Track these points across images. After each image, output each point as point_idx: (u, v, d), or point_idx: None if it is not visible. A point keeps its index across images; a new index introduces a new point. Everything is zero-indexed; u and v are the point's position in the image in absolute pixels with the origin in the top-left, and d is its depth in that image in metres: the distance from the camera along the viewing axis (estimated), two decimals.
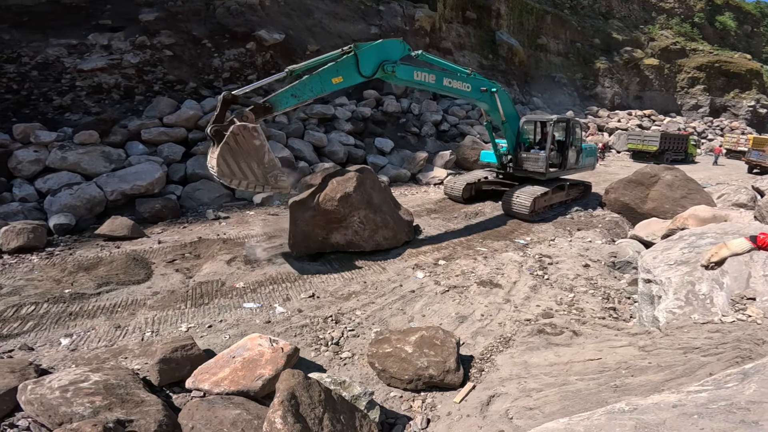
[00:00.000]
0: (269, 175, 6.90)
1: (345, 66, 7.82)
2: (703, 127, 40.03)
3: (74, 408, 3.38)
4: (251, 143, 6.70)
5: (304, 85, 7.44)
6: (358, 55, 7.85)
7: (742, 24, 49.82)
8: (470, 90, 9.93)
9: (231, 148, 6.52)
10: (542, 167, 11.55)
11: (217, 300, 6.40)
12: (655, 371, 3.70)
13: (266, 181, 6.91)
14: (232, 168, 6.58)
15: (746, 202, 10.82)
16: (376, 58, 8.17)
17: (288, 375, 3.37)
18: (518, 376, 4.33)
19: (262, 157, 6.82)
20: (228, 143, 6.49)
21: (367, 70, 8.08)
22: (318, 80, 7.57)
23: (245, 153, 6.64)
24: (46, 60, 13.40)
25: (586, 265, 7.96)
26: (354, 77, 8.05)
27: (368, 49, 8.02)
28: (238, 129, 6.58)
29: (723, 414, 1.98)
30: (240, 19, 17.55)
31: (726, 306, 4.63)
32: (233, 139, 6.53)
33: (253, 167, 6.74)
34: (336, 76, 7.72)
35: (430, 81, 9.12)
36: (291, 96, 7.39)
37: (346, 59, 7.83)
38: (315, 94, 7.70)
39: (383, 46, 8.26)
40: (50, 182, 10.10)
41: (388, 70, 8.26)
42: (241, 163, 6.62)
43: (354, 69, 7.92)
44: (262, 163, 6.82)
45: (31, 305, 6.04)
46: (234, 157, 6.56)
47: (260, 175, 6.83)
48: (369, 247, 8.38)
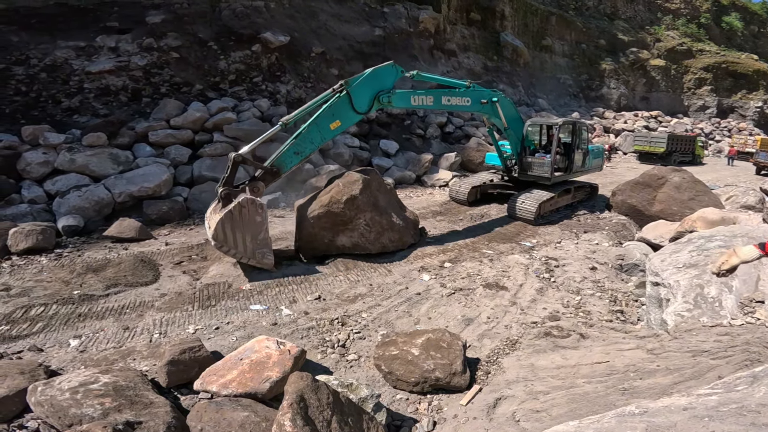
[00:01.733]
0: (258, 251, 7.16)
1: (339, 107, 7.73)
2: (711, 128, 39.74)
3: (84, 410, 3.40)
4: (253, 218, 6.99)
5: (304, 140, 7.51)
6: (351, 93, 7.74)
7: (749, 24, 49.46)
8: (470, 104, 9.88)
9: (233, 217, 6.82)
10: (547, 172, 11.43)
11: (224, 302, 6.43)
12: (664, 374, 3.68)
13: (253, 255, 7.16)
14: (227, 236, 6.83)
15: (755, 204, 10.72)
16: (369, 91, 8.06)
17: (297, 377, 3.38)
18: (525, 379, 4.32)
19: (257, 233, 7.10)
20: (232, 212, 6.80)
21: (362, 106, 8.00)
22: (316, 130, 7.58)
23: (244, 225, 6.91)
24: (55, 62, 13.54)
25: (593, 268, 7.93)
26: (351, 117, 8.00)
27: (360, 84, 7.87)
28: (246, 202, 6.88)
29: (734, 416, 1.98)
30: (245, 22, 17.66)
31: (735, 309, 4.60)
32: (238, 210, 6.84)
33: (246, 240, 7.00)
34: (333, 121, 7.70)
35: (428, 103, 9.08)
36: (294, 154, 7.53)
37: (340, 100, 7.71)
38: (316, 145, 7.78)
39: (375, 75, 8.11)
40: (59, 184, 10.20)
41: (383, 101, 8.21)
42: (237, 233, 6.89)
43: (349, 108, 7.83)
44: (256, 239, 7.09)
45: (40, 306, 6.10)
46: (233, 227, 6.84)
47: (250, 250, 7.08)
48: (375, 250, 8.39)
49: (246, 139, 13.26)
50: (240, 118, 14.16)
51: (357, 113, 8.00)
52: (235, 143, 13.17)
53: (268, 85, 17.03)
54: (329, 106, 7.66)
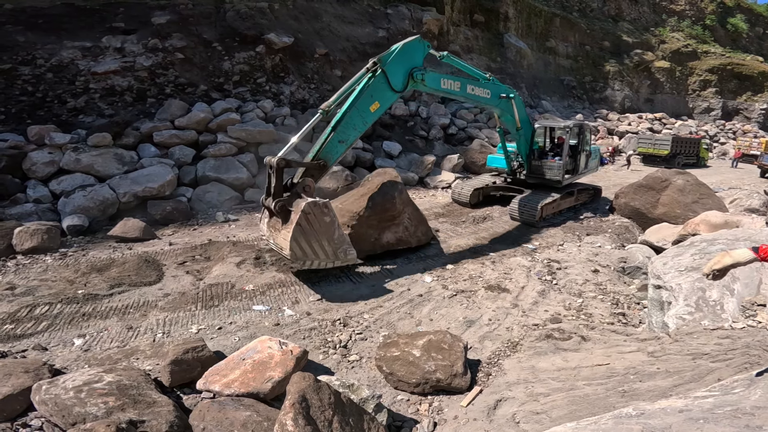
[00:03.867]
0: (339, 250, 6.69)
1: (377, 88, 7.37)
2: (715, 130, 39.54)
3: (88, 408, 3.44)
4: (322, 221, 6.44)
5: (347, 127, 7.09)
6: (386, 71, 7.38)
7: (754, 26, 49.20)
8: (490, 96, 9.76)
9: (303, 229, 6.26)
10: (559, 175, 11.45)
11: (227, 302, 6.47)
12: (664, 377, 3.69)
13: (336, 257, 6.71)
14: (304, 249, 6.34)
15: (759, 207, 10.70)
16: (403, 68, 7.72)
17: (299, 378, 3.41)
18: (525, 381, 4.33)
19: (332, 234, 6.58)
20: (300, 225, 6.22)
21: (398, 84, 7.64)
22: (357, 114, 7.19)
23: (317, 232, 6.40)
24: (61, 62, 13.64)
25: (596, 271, 7.93)
26: (389, 97, 7.66)
27: (393, 61, 7.50)
28: (309, 208, 6.29)
29: (728, 419, 2.00)
30: (249, 23, 17.74)
31: (736, 312, 4.60)
32: (305, 219, 6.26)
33: (324, 245, 6.51)
34: (372, 103, 7.34)
35: (455, 89, 8.86)
36: (338, 143, 7.09)
37: (377, 80, 7.35)
38: (360, 131, 7.39)
39: (405, 50, 7.71)
40: (64, 184, 10.28)
41: (417, 78, 7.85)
42: (313, 242, 6.39)
43: (387, 87, 7.48)
44: (333, 239, 6.58)
45: (44, 305, 6.16)
46: (306, 238, 6.31)
47: (331, 252, 6.61)
48: (414, 243, 8.69)
49: (250, 140, 13.39)
50: (244, 119, 14.22)
51: (394, 92, 7.64)
52: (239, 144, 13.25)
53: (272, 86, 17.10)
54: (367, 88, 7.29)
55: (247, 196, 12.41)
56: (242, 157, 13.16)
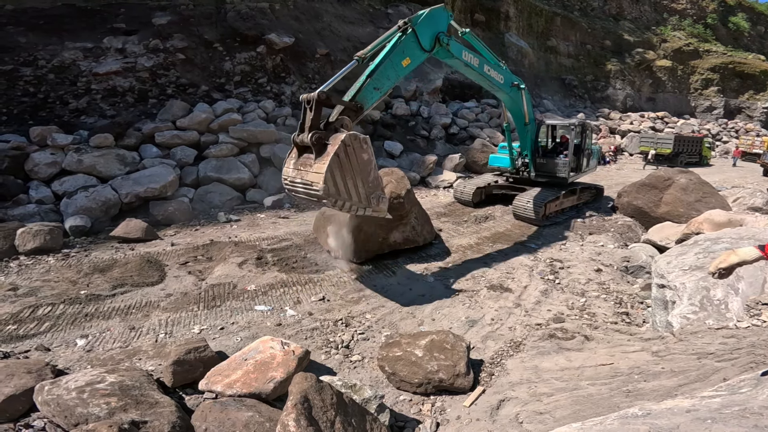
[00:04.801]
0: (372, 195, 6.11)
1: (409, 45, 7.49)
2: (718, 129, 39.44)
3: (90, 409, 3.43)
4: (360, 156, 5.91)
5: (381, 76, 7.02)
6: (417, 30, 7.54)
7: (756, 25, 49.06)
8: (503, 82, 9.85)
9: (341, 161, 5.69)
10: (565, 172, 11.48)
11: (229, 302, 6.46)
12: (669, 376, 3.67)
13: (368, 203, 6.10)
14: (338, 186, 5.72)
15: (762, 205, 10.64)
16: (430, 30, 7.88)
17: (301, 378, 3.40)
18: (529, 381, 4.32)
19: (368, 173, 6.04)
20: (338, 155, 5.64)
21: (426, 44, 7.76)
22: (391, 66, 7.20)
23: (353, 168, 5.86)
24: (62, 63, 13.66)
25: (598, 270, 7.90)
26: (419, 55, 7.74)
27: (423, 22, 7.67)
28: (349, 139, 5.76)
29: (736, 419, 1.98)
30: (250, 23, 17.74)
31: (741, 311, 4.58)
32: (344, 150, 5.70)
33: (358, 185, 5.94)
34: (404, 58, 7.41)
35: (474, 63, 8.93)
36: (374, 89, 6.93)
37: (408, 38, 7.45)
38: (392, 82, 7.37)
39: (432, 15, 7.88)
40: (66, 184, 10.28)
41: (444, 42, 8.00)
42: (348, 179, 5.80)
43: (417, 46, 7.60)
44: (367, 181, 6.04)
45: (47, 306, 6.16)
46: (342, 173, 5.73)
47: (363, 196, 6.02)
48: (421, 242, 8.66)
49: (252, 141, 13.40)
50: (245, 119, 14.22)
51: (424, 51, 7.76)
52: (240, 144, 13.25)
53: (273, 87, 17.10)
54: (400, 43, 7.37)
55: (248, 197, 12.42)
56: (244, 157, 13.17)
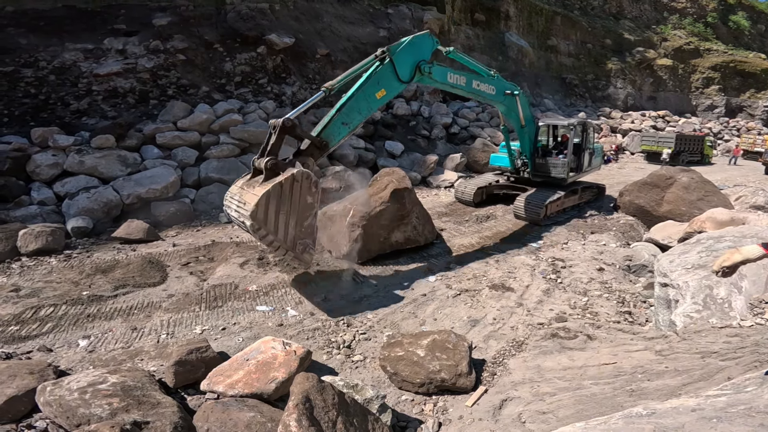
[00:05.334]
0: (299, 240, 5.94)
1: (384, 76, 7.22)
2: (719, 127, 39.36)
3: (92, 409, 3.44)
4: (304, 197, 5.82)
5: (351, 110, 6.83)
6: (394, 61, 7.26)
7: (756, 23, 48.93)
8: (495, 93, 9.67)
9: (282, 192, 5.59)
10: (563, 173, 11.42)
11: (231, 303, 6.45)
12: (672, 376, 3.65)
13: (293, 246, 5.93)
14: (269, 216, 5.54)
15: (764, 204, 10.60)
16: (411, 59, 7.61)
17: (302, 378, 3.39)
18: (531, 380, 4.30)
19: (305, 217, 5.93)
20: (281, 185, 5.55)
21: (405, 74, 7.52)
22: (363, 98, 6.98)
23: (292, 205, 5.73)
24: (63, 64, 13.68)
25: (601, 269, 7.88)
26: (395, 86, 7.50)
27: (402, 51, 7.40)
28: (300, 176, 5.69)
29: (742, 418, 1.97)
30: (251, 24, 17.74)
31: (744, 310, 4.56)
32: (290, 183, 5.61)
33: (289, 224, 5.77)
34: (378, 90, 7.14)
35: (461, 83, 8.77)
36: (342, 125, 6.77)
37: (384, 69, 7.20)
38: (364, 116, 7.12)
39: (414, 43, 7.64)
40: (68, 186, 10.29)
41: (425, 71, 7.76)
42: (281, 214, 5.65)
43: (393, 77, 7.36)
44: (302, 224, 5.92)
45: (49, 307, 6.16)
46: (278, 205, 5.59)
47: (291, 238, 5.85)
48: (423, 241, 8.68)
49: (253, 141, 13.39)
50: (246, 119, 14.22)
51: (401, 82, 7.51)
52: (241, 145, 13.25)
53: (274, 87, 17.10)
54: (374, 74, 7.11)
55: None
56: (245, 158, 13.16)
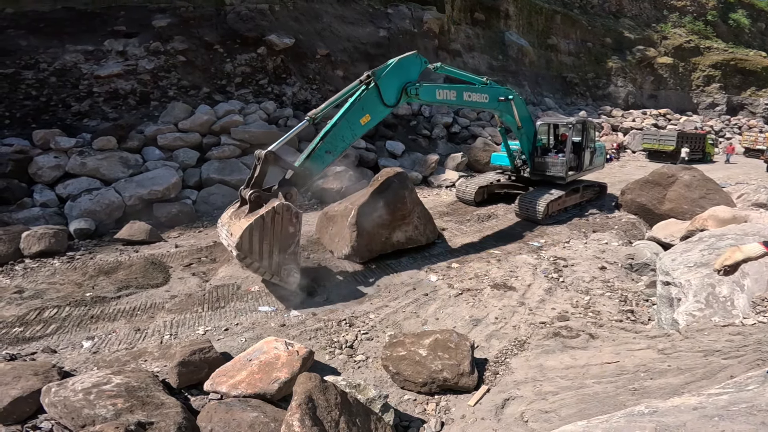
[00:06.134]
0: (284, 267, 6.34)
1: (369, 101, 7.26)
2: (721, 125, 39.30)
3: (97, 410, 3.45)
4: (286, 227, 6.19)
5: (335, 137, 6.95)
6: (379, 85, 7.26)
7: (756, 21, 48.84)
8: (488, 101, 9.66)
9: (264, 225, 5.98)
10: (562, 171, 11.40)
11: (233, 303, 6.47)
12: (675, 374, 3.66)
13: (278, 272, 6.32)
14: (253, 246, 5.96)
15: (766, 201, 10.60)
16: (397, 82, 7.60)
17: (305, 378, 3.40)
18: (533, 379, 4.31)
19: (287, 246, 6.30)
20: (264, 218, 5.96)
21: (391, 98, 7.54)
22: (347, 126, 7.06)
23: (274, 235, 6.11)
24: (64, 66, 13.71)
25: (603, 268, 7.88)
26: (380, 111, 7.52)
27: (388, 75, 7.41)
28: (281, 209, 6.09)
29: (744, 416, 1.97)
30: (250, 24, 17.76)
31: (747, 308, 4.56)
32: (271, 216, 6.01)
33: (273, 252, 6.15)
34: (363, 116, 7.20)
35: (452, 98, 8.77)
36: (325, 153, 6.92)
37: (369, 93, 7.22)
38: (347, 143, 7.22)
39: (400, 65, 7.64)
40: (70, 188, 10.32)
41: (411, 93, 7.77)
42: (265, 243, 6.04)
43: (378, 102, 7.37)
44: (285, 252, 6.30)
45: (53, 308, 6.18)
46: (261, 236, 5.98)
47: (275, 265, 6.25)
48: (424, 241, 8.74)
49: (254, 142, 13.39)
50: (247, 120, 14.24)
51: (386, 106, 7.53)
52: (242, 146, 13.26)
53: (274, 88, 17.11)
54: (358, 100, 7.16)
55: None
56: (246, 158, 13.18)
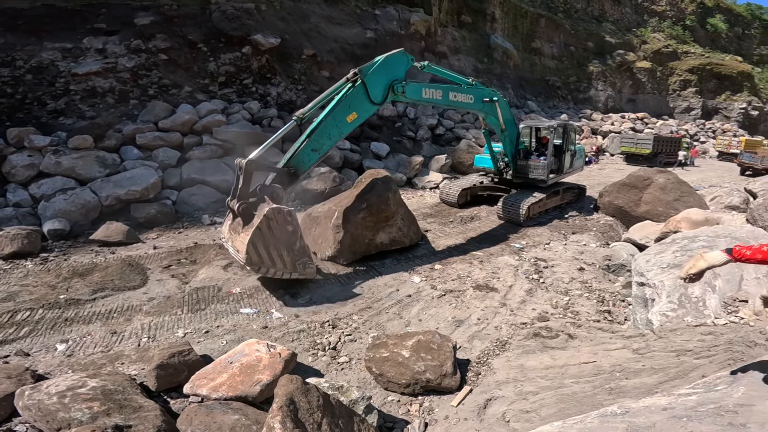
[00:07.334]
0: (298, 262, 6.46)
1: (356, 99, 7.30)
2: (696, 129, 40.37)
3: (72, 413, 3.39)
4: (284, 229, 6.24)
5: (321, 135, 6.98)
6: (366, 82, 7.30)
7: (733, 26, 50.30)
8: (473, 101, 9.75)
9: (263, 234, 6.06)
10: (543, 174, 11.56)
11: (214, 305, 6.39)
12: (649, 374, 3.75)
13: (294, 268, 6.48)
14: (261, 255, 6.09)
15: (739, 204, 10.90)
16: (384, 80, 7.66)
17: (286, 380, 3.39)
18: (515, 380, 4.37)
19: (293, 243, 6.37)
20: (260, 229, 6.03)
21: (377, 96, 7.60)
22: (333, 124, 7.09)
23: (277, 239, 6.18)
24: (41, 64, 13.34)
25: (581, 269, 8.02)
26: (367, 109, 7.57)
27: (374, 72, 7.46)
28: (272, 213, 6.11)
29: (711, 417, 2.03)
30: (236, 23, 17.56)
31: (719, 308, 4.70)
32: (266, 224, 6.07)
33: (282, 254, 6.26)
34: (349, 113, 7.24)
35: (437, 97, 8.84)
36: (312, 151, 6.94)
37: (356, 91, 7.27)
38: (334, 141, 7.28)
39: (387, 62, 7.70)
40: (44, 187, 10.05)
41: (398, 91, 7.83)
42: (271, 249, 6.14)
43: (365, 99, 7.42)
44: (293, 249, 6.36)
45: (26, 311, 6.02)
46: (265, 244, 6.08)
47: (290, 263, 6.38)
48: (408, 242, 8.79)
49: (237, 142, 13.25)
50: (230, 120, 14.09)
51: (373, 104, 7.57)
52: (225, 146, 13.11)
53: (259, 87, 16.96)
54: (345, 98, 7.17)
55: None
56: (228, 159, 13.01)
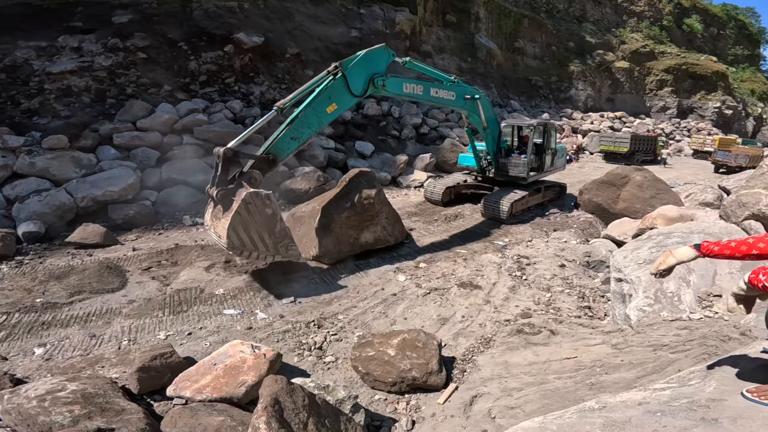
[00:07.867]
0: (280, 244, 6.60)
1: (336, 90, 7.42)
2: (671, 128, 41.41)
3: (53, 417, 3.32)
4: (263, 212, 6.36)
5: (301, 124, 7.07)
6: (346, 75, 7.43)
7: (709, 27, 51.75)
8: (454, 98, 9.84)
9: (242, 218, 6.17)
10: (524, 172, 11.71)
11: (197, 307, 6.31)
12: (628, 369, 3.85)
13: (277, 250, 6.63)
14: (242, 239, 6.23)
15: (713, 201, 11.21)
16: (364, 73, 7.77)
17: (271, 381, 3.37)
18: (499, 376, 4.43)
19: (273, 226, 6.49)
20: (239, 213, 6.14)
21: (358, 88, 7.70)
22: (313, 114, 7.20)
23: (256, 223, 6.30)
24: (14, 62, 12.97)
25: (562, 265, 8.17)
26: (347, 100, 7.71)
27: (355, 66, 7.59)
28: (250, 197, 6.22)
29: (684, 411, 2.09)
30: (218, 22, 17.34)
31: (693, 303, 4.84)
32: (245, 208, 6.18)
33: (264, 237, 6.39)
34: (329, 104, 7.35)
35: (418, 92, 8.92)
36: (291, 139, 7.04)
37: (335, 83, 7.39)
38: (313, 130, 7.37)
39: (369, 57, 7.82)
40: (18, 189, 9.75)
41: (378, 84, 7.93)
42: (252, 233, 6.28)
43: (345, 91, 7.53)
44: (274, 232, 6.50)
45: (2, 315, 5.86)
46: (245, 228, 6.21)
47: (271, 245, 6.52)
48: (393, 241, 8.80)
49: (219, 142, 13.05)
50: (211, 119, 13.89)
51: (353, 96, 7.69)
52: (206, 146, 12.91)
53: (241, 87, 16.77)
54: (325, 89, 7.30)
55: None
56: (210, 159, 12.82)
